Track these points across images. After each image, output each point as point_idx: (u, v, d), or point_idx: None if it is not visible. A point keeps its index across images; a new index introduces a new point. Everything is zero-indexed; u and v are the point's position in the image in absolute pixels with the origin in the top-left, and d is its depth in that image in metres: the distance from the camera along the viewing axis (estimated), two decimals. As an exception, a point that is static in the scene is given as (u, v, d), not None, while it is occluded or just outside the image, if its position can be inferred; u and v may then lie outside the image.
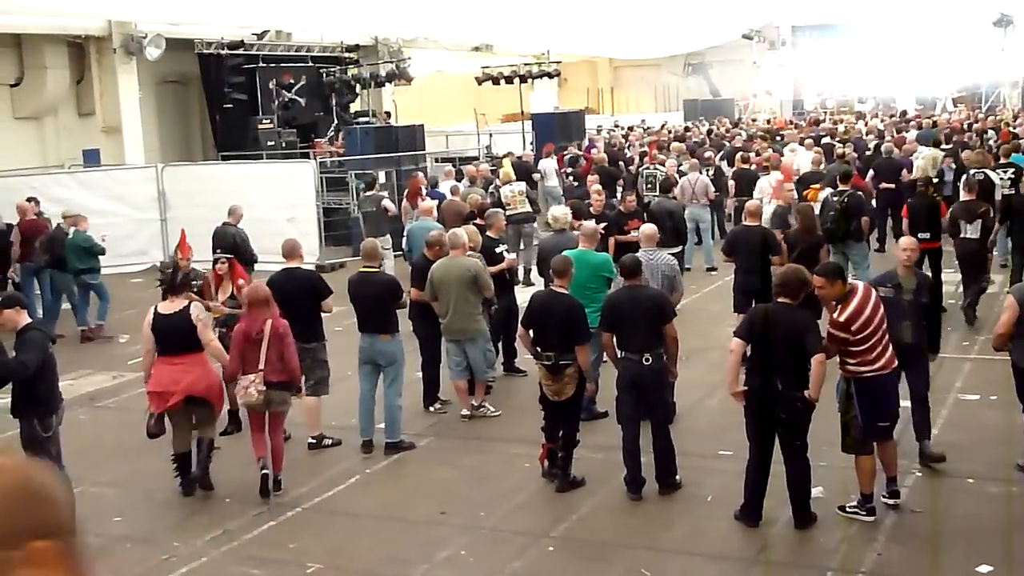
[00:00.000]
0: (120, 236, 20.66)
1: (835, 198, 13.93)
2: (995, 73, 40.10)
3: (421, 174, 20.56)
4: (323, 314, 10.25)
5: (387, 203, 17.56)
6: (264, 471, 8.83)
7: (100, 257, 15.57)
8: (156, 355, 8.81)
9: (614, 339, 8.58)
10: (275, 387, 8.79)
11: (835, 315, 7.66)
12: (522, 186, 18.49)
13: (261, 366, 8.72)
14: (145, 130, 25.61)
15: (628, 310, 8.50)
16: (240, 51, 27.21)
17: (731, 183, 19.51)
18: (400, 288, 10.16)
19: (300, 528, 8.28)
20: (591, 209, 13.33)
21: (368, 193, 17.91)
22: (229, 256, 10.89)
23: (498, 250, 11.87)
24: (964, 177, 15.04)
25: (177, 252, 8.97)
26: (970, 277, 13.52)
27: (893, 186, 18.08)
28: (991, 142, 23.25)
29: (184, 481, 9.03)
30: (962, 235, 13.31)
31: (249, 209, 15.70)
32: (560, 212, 12.24)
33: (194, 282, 10.16)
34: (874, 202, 16.85)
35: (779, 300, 7.66)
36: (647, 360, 8.36)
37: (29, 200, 16.60)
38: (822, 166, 18.25)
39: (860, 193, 14.64)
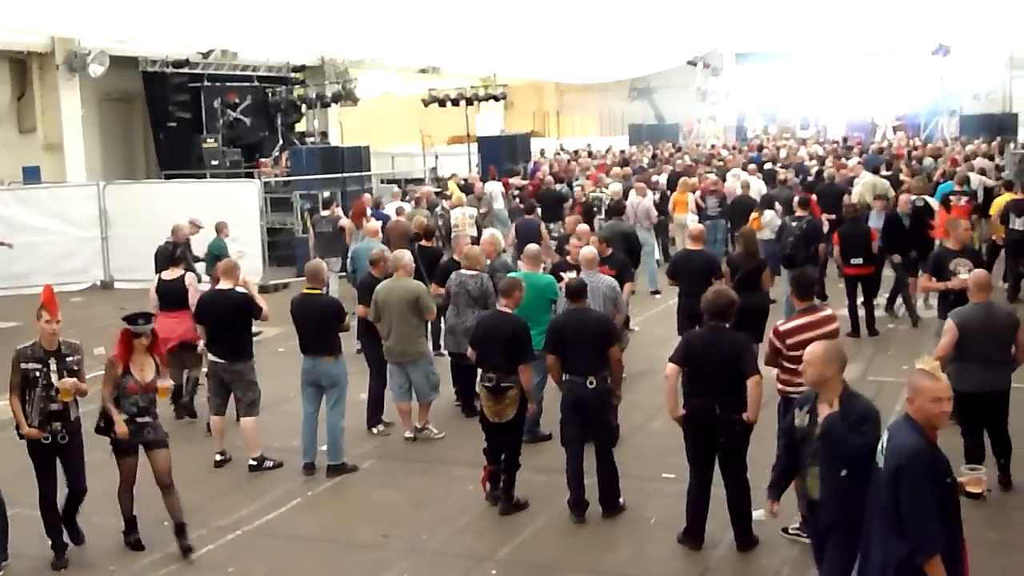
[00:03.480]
0: (60, 254, 20.45)
1: (794, 223, 14.38)
2: (933, 102, 40.84)
3: (368, 195, 20.52)
4: (255, 334, 10.20)
5: (345, 222, 17.51)
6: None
7: None
8: (158, 310, 11.06)
9: (559, 362, 8.56)
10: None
11: (778, 323, 7.91)
12: (473, 211, 18.50)
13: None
14: (87, 148, 25.33)
15: (573, 332, 8.50)
16: (185, 69, 27.07)
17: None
18: (343, 310, 10.10)
19: (240, 551, 8.17)
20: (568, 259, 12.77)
21: (325, 213, 17.84)
22: (150, 323, 8.12)
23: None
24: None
25: (42, 312, 7.80)
26: (1015, 262, 15.78)
27: (833, 215, 18.32)
28: (930, 169, 23.63)
29: (176, 407, 11.54)
30: (1011, 226, 15.60)
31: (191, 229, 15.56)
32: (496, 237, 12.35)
33: (70, 358, 7.97)
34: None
35: (711, 323, 7.72)
36: (591, 383, 8.36)
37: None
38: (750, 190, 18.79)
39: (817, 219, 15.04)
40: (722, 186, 20.71)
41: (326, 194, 20.48)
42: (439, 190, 22.74)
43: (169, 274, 11.84)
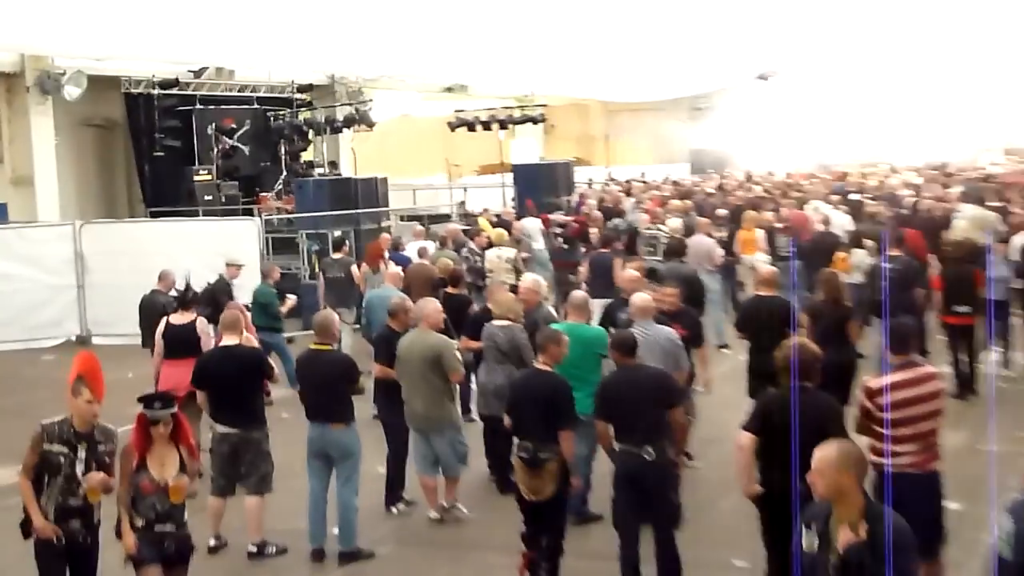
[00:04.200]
0: (30, 305, 20.65)
1: (887, 264, 14.16)
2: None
3: (385, 234, 20.64)
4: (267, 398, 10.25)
5: (355, 269, 17.62)
6: None
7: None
8: (163, 358, 11.87)
9: (609, 428, 8.54)
10: None
11: (870, 380, 7.85)
12: (510, 252, 18.51)
13: None
14: (61, 181, 25.63)
15: (627, 394, 8.48)
16: (174, 91, 27.50)
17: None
18: (356, 369, 10.11)
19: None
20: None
21: (336, 256, 17.97)
22: (170, 407, 7.53)
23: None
24: None
25: (81, 387, 7.33)
26: None
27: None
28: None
29: None
30: None
31: (180, 275, 15.58)
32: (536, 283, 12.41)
33: (103, 447, 7.53)
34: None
35: (789, 383, 7.63)
36: (649, 453, 8.32)
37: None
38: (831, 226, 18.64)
39: (915, 260, 14.88)
40: (801, 220, 20.63)
41: (337, 233, 20.70)
42: (468, 228, 22.78)
43: (179, 318, 12.35)
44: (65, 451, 7.29)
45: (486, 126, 32.37)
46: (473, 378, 12.03)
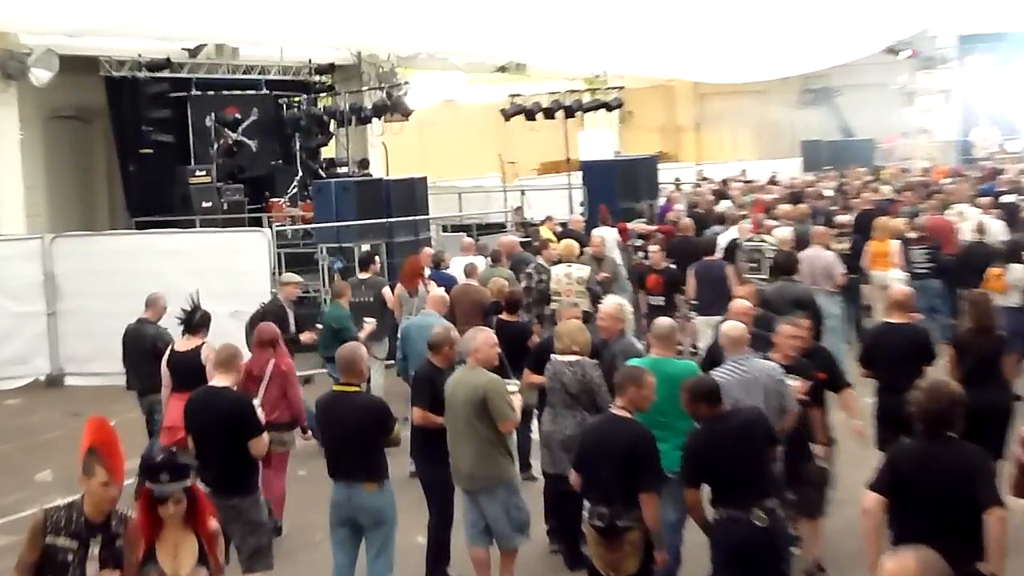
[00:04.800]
0: (-10, 337, 20.83)
1: None
2: None
3: (426, 248, 20.76)
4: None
5: (388, 292, 17.70)
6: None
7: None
8: (171, 390, 12.63)
9: (700, 491, 8.60)
10: (272, 426, 11.30)
11: None
12: (585, 272, 18.43)
13: (259, 401, 11.19)
14: (28, 185, 25.69)
15: (727, 446, 8.52)
16: (164, 74, 27.57)
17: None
18: (390, 415, 10.11)
19: None
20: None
21: (364, 275, 18.01)
22: (186, 483, 6.99)
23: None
24: None
25: (94, 464, 6.84)
26: None
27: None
28: None
29: None
30: None
31: (176, 299, 15.71)
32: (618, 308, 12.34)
33: (120, 540, 7.04)
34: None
35: (927, 432, 7.52)
36: (760, 519, 8.36)
37: None
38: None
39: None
40: (943, 229, 20.51)
41: (365, 248, 20.78)
42: (527, 239, 22.83)
43: (185, 344, 13.11)
44: (74, 546, 6.81)
45: (548, 114, 32.42)
46: (535, 426, 12.04)
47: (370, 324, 16.41)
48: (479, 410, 10.34)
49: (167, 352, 13.25)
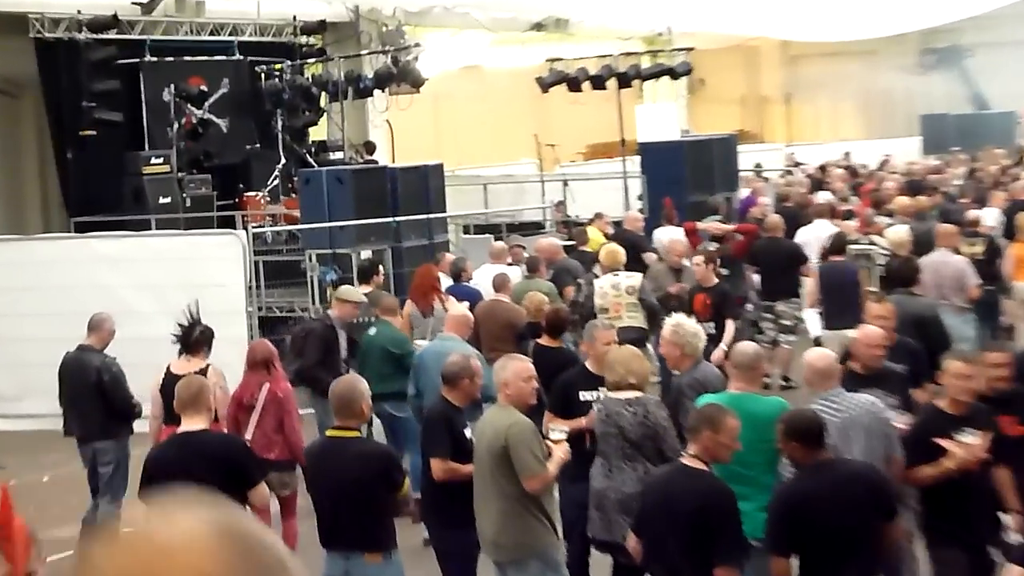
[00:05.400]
0: None
1: None
2: None
3: (446, 254, 20.75)
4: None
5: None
6: None
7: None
8: (163, 422, 12.71)
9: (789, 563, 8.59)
10: (270, 466, 11.81)
11: None
12: (636, 280, 18.37)
13: (249, 436, 12.10)
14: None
15: (829, 505, 8.52)
16: (111, 35, 27.61)
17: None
18: (398, 466, 10.32)
19: None
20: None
21: (364, 289, 17.92)
22: None
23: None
24: None
25: None
26: None
27: None
28: None
29: None
30: None
31: (124, 321, 15.80)
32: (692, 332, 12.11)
33: None
34: None
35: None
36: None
37: None
38: None
39: None
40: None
41: (365, 255, 20.77)
42: (571, 243, 22.69)
43: (183, 366, 13.34)
44: None
45: (597, 83, 32.23)
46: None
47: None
48: (502, 461, 10.37)
49: (161, 376, 13.34)
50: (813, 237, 21.25)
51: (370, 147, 31.91)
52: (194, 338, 13.57)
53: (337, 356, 15.55)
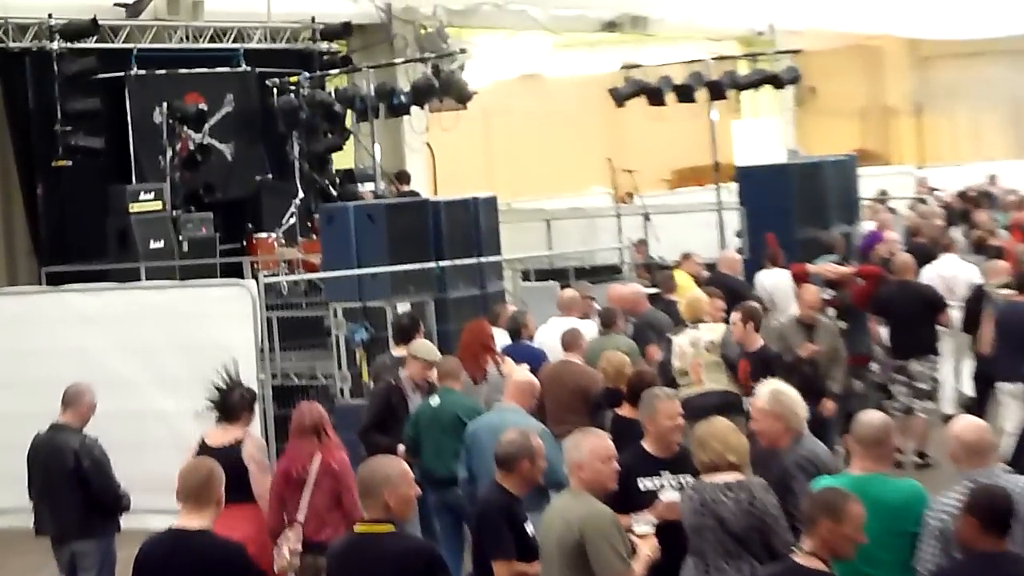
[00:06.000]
0: None
1: None
2: None
3: (504, 306, 20.94)
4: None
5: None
6: None
7: None
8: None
9: None
10: (319, 548, 12.08)
11: None
12: (717, 333, 18.37)
13: (301, 517, 12.74)
14: None
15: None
16: (90, 43, 27.73)
17: None
18: (443, 568, 10.18)
19: None
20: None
21: (399, 352, 17.99)
22: None
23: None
24: None
25: None
26: None
27: None
28: None
29: None
30: None
31: (108, 392, 15.86)
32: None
33: None
34: None
35: None
36: None
37: None
38: None
39: None
40: None
41: (403, 308, 20.76)
42: (655, 291, 22.72)
43: (220, 436, 13.84)
44: None
45: (684, 95, 32.24)
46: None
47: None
48: (576, 560, 10.36)
49: (195, 446, 13.65)
50: (937, 276, 21.29)
51: (405, 177, 31.81)
52: (234, 402, 13.84)
53: (402, 423, 15.69)
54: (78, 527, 14.12)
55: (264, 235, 28.50)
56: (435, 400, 15.87)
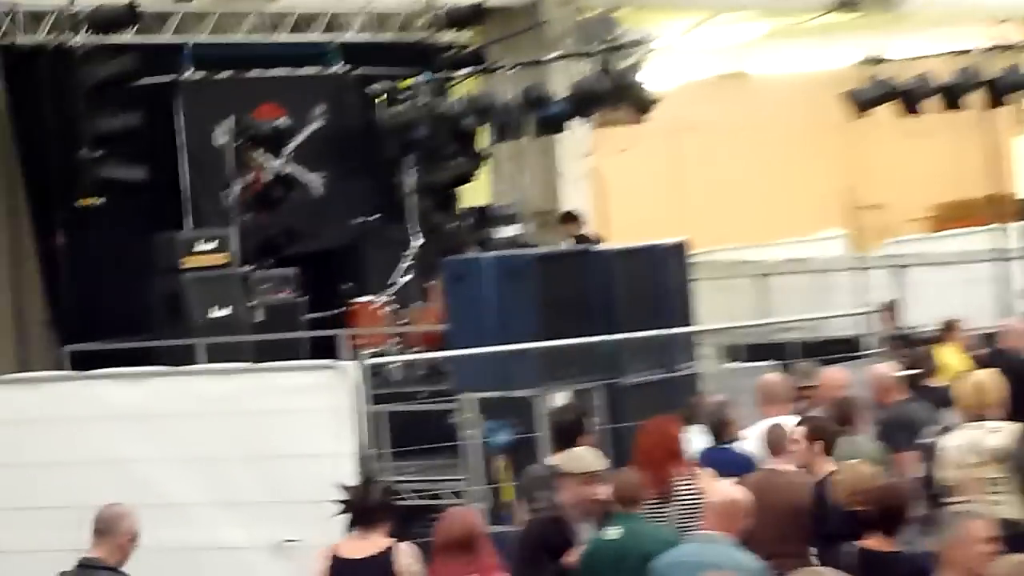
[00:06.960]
0: None
1: None
2: None
3: (703, 397, 20.96)
4: None
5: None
6: None
7: None
8: None
9: None
10: None
11: None
12: (1008, 434, 18.34)
13: None
14: None
15: None
16: (126, 37, 27.91)
17: None
18: None
19: None
20: None
21: (555, 462, 18.20)
22: None
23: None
24: None
25: None
26: None
27: None
28: None
29: None
30: None
31: (154, 518, 16.12)
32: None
33: None
34: None
35: None
36: None
37: None
38: None
39: None
40: None
41: (560, 400, 20.90)
42: (911, 373, 22.80)
43: (357, 546, 14.53)
44: None
45: (950, 99, 32.41)
46: None
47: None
48: None
49: (326, 561, 14.40)
50: None
51: (572, 218, 31.83)
52: (371, 503, 14.44)
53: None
54: None
55: (367, 299, 28.71)
56: (614, 532, 15.43)
